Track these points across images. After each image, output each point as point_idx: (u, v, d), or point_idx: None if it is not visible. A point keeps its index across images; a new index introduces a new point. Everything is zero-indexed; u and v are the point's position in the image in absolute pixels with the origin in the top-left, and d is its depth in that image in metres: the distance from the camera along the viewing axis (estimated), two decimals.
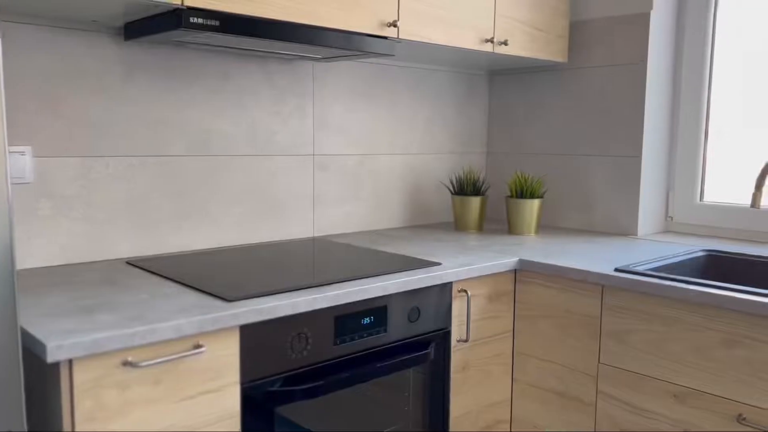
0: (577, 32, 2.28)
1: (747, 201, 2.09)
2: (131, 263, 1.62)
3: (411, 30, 1.78)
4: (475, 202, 2.24)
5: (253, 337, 1.27)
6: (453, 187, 2.33)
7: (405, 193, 2.36)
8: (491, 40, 1.98)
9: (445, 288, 1.64)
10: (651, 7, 2.09)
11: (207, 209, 1.85)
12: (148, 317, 1.16)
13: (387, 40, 1.74)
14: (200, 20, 1.37)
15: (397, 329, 1.54)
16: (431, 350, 1.59)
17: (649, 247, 1.95)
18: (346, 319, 1.43)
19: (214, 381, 1.22)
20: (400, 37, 1.76)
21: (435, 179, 2.46)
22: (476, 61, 2.24)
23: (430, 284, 1.58)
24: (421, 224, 2.42)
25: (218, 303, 1.26)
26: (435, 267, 1.64)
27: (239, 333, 1.25)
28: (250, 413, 1.29)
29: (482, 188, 2.59)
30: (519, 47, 2.08)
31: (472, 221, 2.26)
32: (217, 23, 1.40)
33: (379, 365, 1.46)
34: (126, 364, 1.10)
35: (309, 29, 1.57)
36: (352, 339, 1.44)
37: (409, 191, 2.37)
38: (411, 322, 1.57)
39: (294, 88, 2.00)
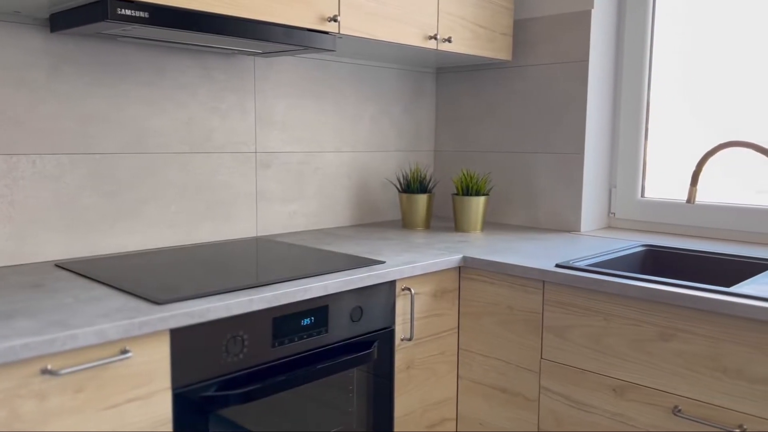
0: (522, 30, 2.30)
1: (685, 197, 2.14)
2: (60, 266, 1.55)
3: (352, 25, 1.75)
4: (421, 199, 2.23)
5: (185, 340, 1.23)
6: (400, 184, 2.31)
7: (352, 192, 2.34)
8: (434, 37, 1.97)
9: (389, 286, 1.62)
10: (592, 6, 2.11)
11: (142, 209, 1.79)
12: (71, 322, 1.10)
13: (328, 35, 1.71)
14: (128, 12, 1.32)
15: (339, 329, 1.51)
16: (374, 350, 1.57)
17: (590, 243, 1.97)
18: (285, 320, 1.39)
19: (143, 387, 1.17)
20: (341, 32, 1.73)
21: (382, 177, 2.44)
22: (422, 58, 2.23)
23: (372, 283, 1.55)
24: (369, 222, 2.40)
25: (147, 306, 1.21)
26: (378, 265, 1.62)
27: (170, 337, 1.20)
28: (183, 419, 1.24)
29: (429, 186, 2.59)
30: (463, 45, 2.08)
31: (419, 219, 2.25)
32: (146, 15, 1.34)
33: (319, 366, 1.43)
34: (45, 372, 1.05)
35: (245, 22, 1.53)
36: (292, 340, 1.41)
37: (355, 189, 2.35)
38: (353, 321, 1.55)
39: (234, 84, 1.95)
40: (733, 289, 1.38)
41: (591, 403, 1.57)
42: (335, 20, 1.70)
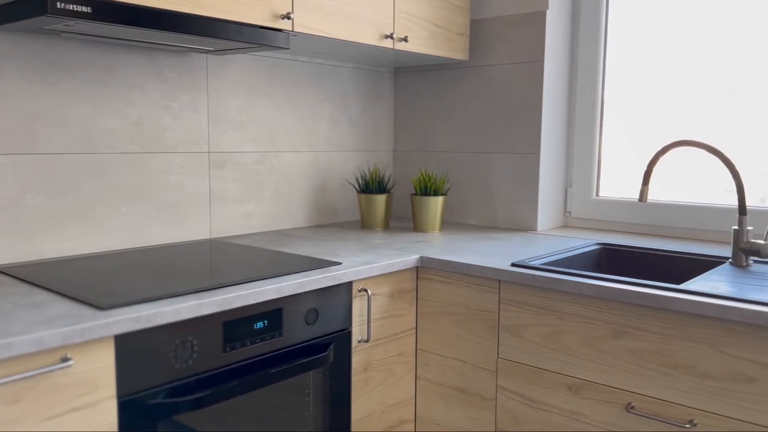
0: (479, 30, 2.30)
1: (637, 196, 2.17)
2: (1, 271, 1.49)
3: (306, 23, 1.73)
4: (380, 200, 2.22)
5: (130, 346, 1.19)
6: (358, 185, 2.30)
7: (310, 192, 2.31)
8: (391, 36, 1.96)
9: (345, 288, 1.61)
10: (547, 6, 2.13)
11: (91, 211, 1.73)
12: (8, 330, 1.05)
13: (282, 33, 1.69)
14: (69, 6, 1.27)
15: (294, 332, 1.49)
16: (330, 352, 1.55)
17: (546, 242, 1.98)
18: (237, 324, 1.36)
19: (86, 396, 1.13)
20: (295, 30, 1.70)
21: (340, 177, 2.42)
22: (379, 57, 2.22)
23: (328, 284, 1.53)
24: (327, 223, 2.38)
25: (90, 312, 1.16)
26: (334, 266, 1.60)
27: (114, 343, 1.16)
28: (129, 428, 1.20)
29: (388, 186, 2.58)
30: (419, 44, 2.07)
31: (377, 219, 2.23)
32: (89, 10, 1.29)
33: (273, 371, 1.41)
34: None
35: (194, 19, 1.49)
36: (244, 345, 1.38)
37: (313, 190, 2.32)
38: (308, 324, 1.52)
39: (186, 82, 1.91)
40: (682, 286, 1.40)
41: (547, 402, 1.58)
42: (289, 18, 1.67)
